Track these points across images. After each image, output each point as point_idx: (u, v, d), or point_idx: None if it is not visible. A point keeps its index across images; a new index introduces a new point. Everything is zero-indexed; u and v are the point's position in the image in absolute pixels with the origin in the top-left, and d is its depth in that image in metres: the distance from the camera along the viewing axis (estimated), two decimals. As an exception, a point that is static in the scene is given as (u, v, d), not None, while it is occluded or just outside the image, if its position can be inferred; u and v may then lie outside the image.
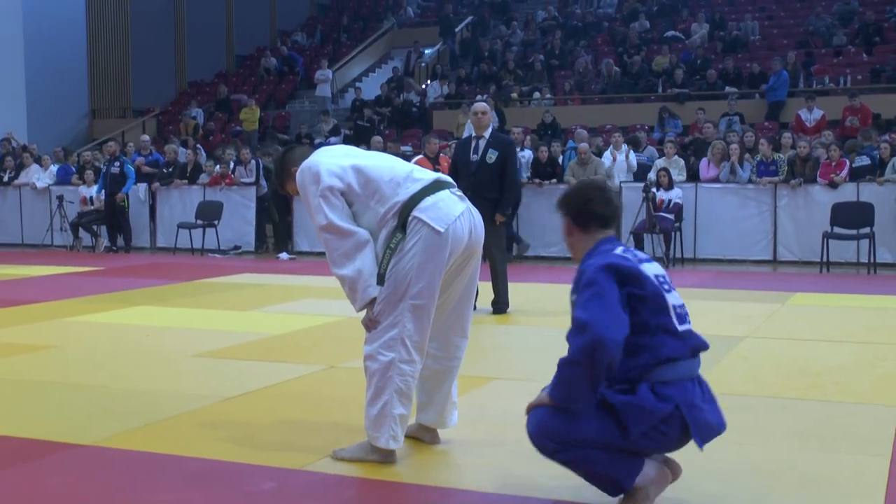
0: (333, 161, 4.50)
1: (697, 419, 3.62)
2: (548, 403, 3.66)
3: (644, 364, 3.60)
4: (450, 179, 4.60)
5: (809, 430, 5.09)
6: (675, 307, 3.68)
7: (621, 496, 3.73)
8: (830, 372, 6.51)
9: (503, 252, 9.33)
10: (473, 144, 9.02)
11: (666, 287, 3.69)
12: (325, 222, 4.38)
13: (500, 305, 9.19)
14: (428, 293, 4.32)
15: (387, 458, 4.46)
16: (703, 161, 14.71)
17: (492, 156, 8.87)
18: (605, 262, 3.64)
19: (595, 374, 3.50)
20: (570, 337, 3.58)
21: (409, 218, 4.31)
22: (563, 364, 3.60)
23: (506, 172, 8.94)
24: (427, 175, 4.52)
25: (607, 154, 15.44)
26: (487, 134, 9.01)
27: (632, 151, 15.59)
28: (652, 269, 3.72)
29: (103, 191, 16.85)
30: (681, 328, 3.67)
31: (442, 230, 4.28)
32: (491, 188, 8.85)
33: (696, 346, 3.72)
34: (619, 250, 3.73)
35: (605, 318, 3.49)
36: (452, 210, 4.37)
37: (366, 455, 4.48)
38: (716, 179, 14.31)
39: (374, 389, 4.38)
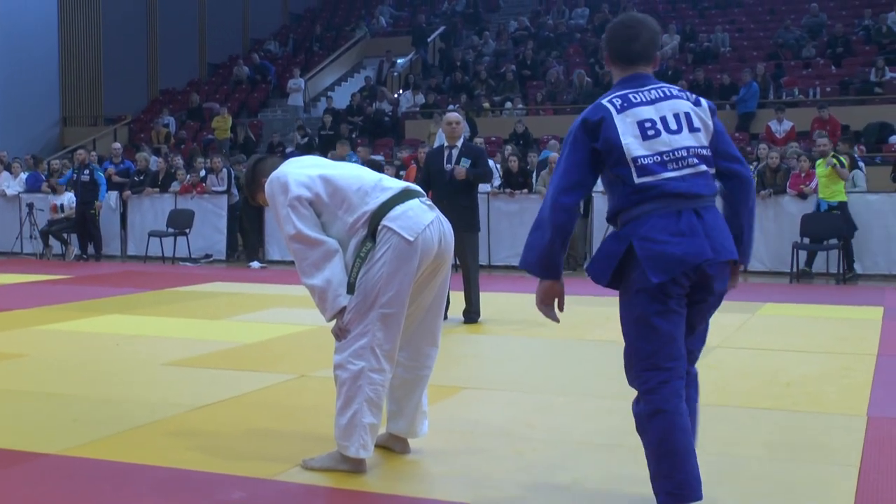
0: (301, 171, 4.51)
1: (651, 251, 3.57)
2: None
3: (613, 213, 3.74)
4: (419, 189, 4.60)
5: (779, 440, 5.12)
6: (638, 157, 3.61)
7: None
8: (800, 382, 6.55)
9: (476, 261, 9.37)
10: (447, 154, 9.12)
11: (652, 132, 3.65)
12: (294, 232, 4.37)
13: (471, 315, 9.20)
14: (398, 302, 4.33)
15: (357, 467, 4.45)
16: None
17: (465, 165, 8.99)
18: (583, 114, 3.73)
19: (550, 235, 3.68)
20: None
21: (379, 227, 4.32)
22: (531, 231, 3.79)
23: (479, 173, 9.17)
24: (396, 184, 4.52)
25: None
26: (460, 143, 9.15)
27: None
28: (645, 112, 3.68)
29: (74, 198, 16.76)
30: (639, 180, 3.61)
31: (412, 239, 4.29)
32: (465, 196, 9.05)
33: (674, 188, 3.60)
34: (610, 96, 3.74)
35: (558, 181, 3.69)
36: (422, 219, 4.37)
37: (336, 464, 4.47)
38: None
39: (343, 398, 4.37)
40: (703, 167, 3.68)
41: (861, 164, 14.19)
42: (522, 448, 4.92)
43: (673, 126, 3.67)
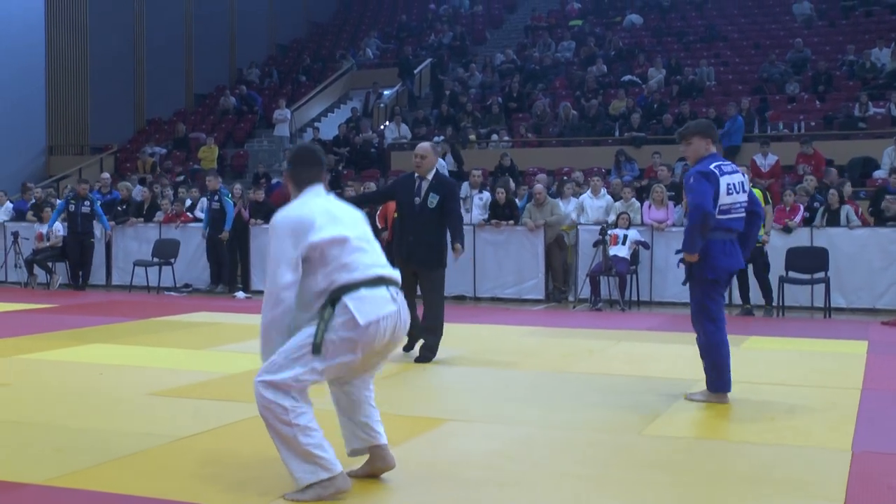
0: (319, 221, 4.51)
1: (710, 260, 6.75)
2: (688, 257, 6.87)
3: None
4: (394, 277, 4.67)
5: (762, 474, 5.12)
6: (720, 205, 6.69)
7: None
8: (785, 416, 6.56)
9: (440, 297, 9.02)
10: (416, 185, 8.76)
11: (731, 191, 6.75)
12: (283, 283, 4.48)
13: (426, 352, 8.79)
14: (331, 371, 4.51)
15: (337, 487, 4.48)
16: (646, 204, 14.83)
17: (433, 200, 8.65)
18: (703, 170, 6.77)
19: (701, 227, 6.72)
20: (689, 213, 6.84)
21: (341, 299, 4.45)
22: (687, 229, 6.83)
23: (446, 213, 8.73)
24: (376, 265, 4.60)
25: (585, 196, 15.50)
26: (430, 176, 8.78)
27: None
28: (729, 179, 6.78)
29: (61, 228, 16.71)
30: (720, 217, 6.72)
31: (361, 323, 4.42)
32: (431, 232, 8.70)
33: (728, 226, 6.80)
34: (714, 164, 6.80)
35: (703, 200, 6.68)
36: (380, 309, 4.50)
37: (317, 496, 4.47)
38: (663, 222, 14.40)
39: (275, 435, 4.48)
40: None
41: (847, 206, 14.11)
42: (504, 481, 4.91)
43: (732, 189, 6.83)
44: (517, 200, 15.67)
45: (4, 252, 17.60)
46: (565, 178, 17.59)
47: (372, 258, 4.62)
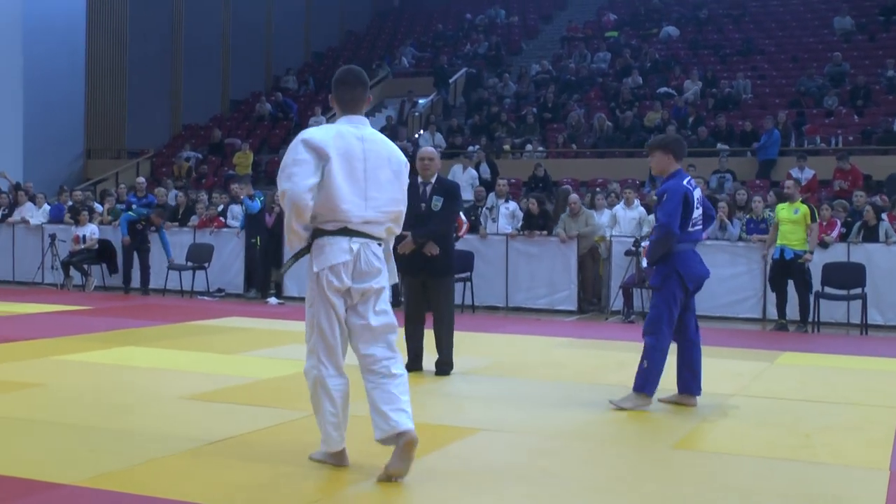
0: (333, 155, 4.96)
1: (687, 268, 7.13)
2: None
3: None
4: (361, 229, 5.05)
5: (797, 492, 5.06)
6: (693, 219, 7.10)
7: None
8: (820, 433, 6.47)
9: (450, 307, 8.74)
10: (421, 191, 8.61)
11: (697, 205, 7.13)
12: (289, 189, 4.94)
13: (442, 366, 8.57)
14: (316, 323, 5.08)
15: (333, 460, 5.15)
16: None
17: (437, 203, 8.51)
18: (678, 189, 7.06)
19: (665, 244, 7.09)
20: (655, 229, 7.27)
21: (314, 242, 5.06)
22: (652, 242, 7.24)
23: (440, 209, 8.53)
24: (349, 217, 5.00)
25: (618, 207, 15.42)
26: (433, 180, 8.63)
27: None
28: (696, 194, 7.15)
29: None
30: (690, 230, 7.14)
31: (315, 270, 5.03)
32: (439, 238, 8.51)
33: (695, 238, 7.29)
34: (685, 180, 7.15)
35: (671, 220, 7.00)
36: (334, 258, 5.00)
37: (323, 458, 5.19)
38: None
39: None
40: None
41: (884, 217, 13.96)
42: (536, 493, 4.89)
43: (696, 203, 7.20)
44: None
45: (42, 254, 17.77)
46: (598, 189, 17.53)
47: (349, 205, 4.99)
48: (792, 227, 12.70)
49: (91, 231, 17.09)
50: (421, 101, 26.62)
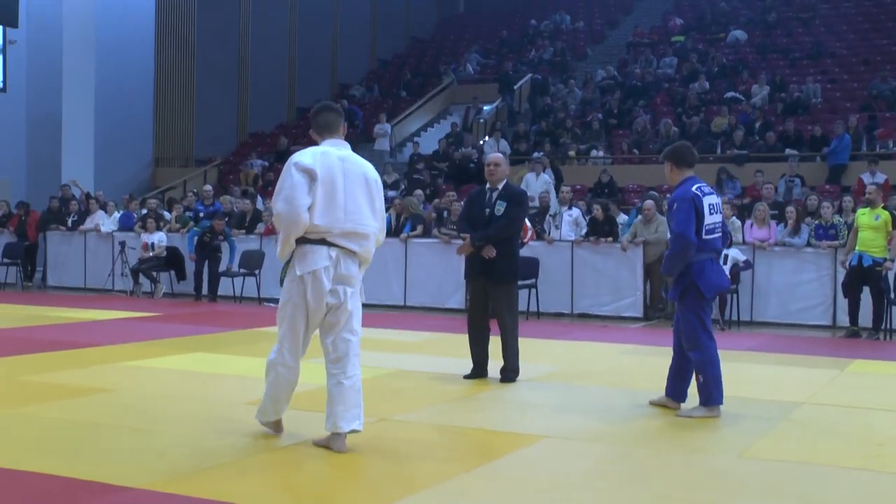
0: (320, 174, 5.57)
1: (705, 279, 6.99)
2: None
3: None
4: (338, 242, 5.65)
5: (868, 501, 4.98)
6: (706, 225, 6.97)
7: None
8: (892, 442, 6.36)
9: (513, 314, 8.59)
10: (487, 196, 8.65)
11: (712, 211, 7.03)
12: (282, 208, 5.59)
13: (507, 373, 8.46)
14: (288, 318, 5.80)
15: (269, 428, 6.04)
16: (748, 223, 14.59)
17: (500, 208, 8.49)
18: (685, 195, 7.02)
19: (683, 254, 6.97)
20: (671, 240, 7.12)
21: (296, 249, 5.64)
22: (669, 255, 7.09)
23: (503, 214, 8.48)
24: (330, 229, 5.60)
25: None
26: (501, 186, 8.64)
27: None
28: (709, 199, 7.04)
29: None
30: (706, 237, 6.98)
31: (298, 273, 5.63)
32: (503, 244, 8.49)
33: (713, 247, 7.09)
34: (695, 187, 7.06)
35: (686, 228, 6.91)
36: (315, 263, 5.60)
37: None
38: (766, 241, 14.15)
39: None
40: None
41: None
42: (601, 500, 4.86)
43: (711, 209, 7.09)
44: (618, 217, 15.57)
45: (112, 261, 18.09)
46: (667, 195, 17.38)
47: (330, 218, 5.58)
48: (872, 233, 12.36)
49: (159, 238, 17.34)
50: (486, 107, 26.61)
